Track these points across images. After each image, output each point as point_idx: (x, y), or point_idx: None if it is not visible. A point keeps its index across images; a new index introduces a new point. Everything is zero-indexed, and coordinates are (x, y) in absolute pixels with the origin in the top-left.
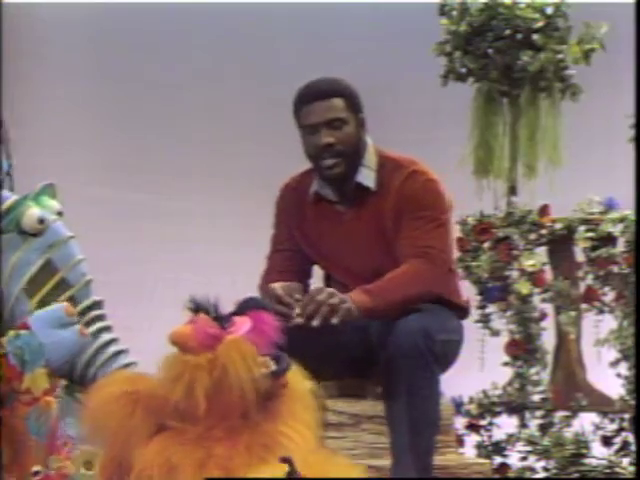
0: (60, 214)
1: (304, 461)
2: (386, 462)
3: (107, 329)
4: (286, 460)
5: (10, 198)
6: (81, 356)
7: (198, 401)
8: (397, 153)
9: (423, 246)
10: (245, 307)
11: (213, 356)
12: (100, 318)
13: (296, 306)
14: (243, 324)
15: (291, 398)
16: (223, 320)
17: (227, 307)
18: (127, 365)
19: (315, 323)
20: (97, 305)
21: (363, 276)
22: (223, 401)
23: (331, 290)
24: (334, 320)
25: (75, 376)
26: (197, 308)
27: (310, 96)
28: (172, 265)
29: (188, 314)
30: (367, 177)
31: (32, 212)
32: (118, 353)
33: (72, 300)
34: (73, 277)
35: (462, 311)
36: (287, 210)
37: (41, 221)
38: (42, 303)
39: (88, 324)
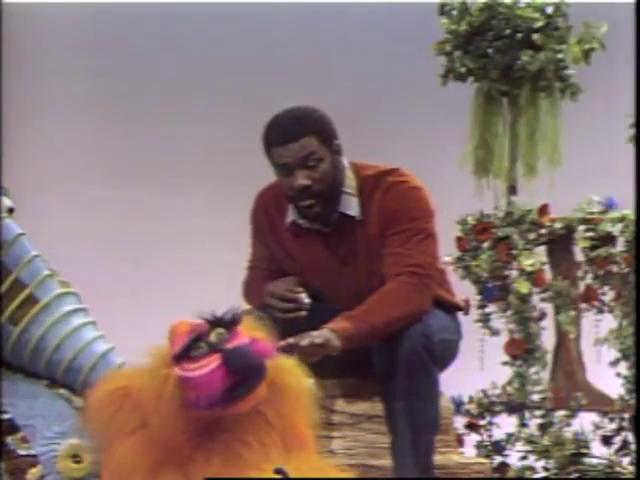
0: (11, 211)
1: (296, 469)
2: (386, 462)
3: (87, 324)
4: (279, 471)
5: None
6: (63, 357)
7: (162, 398)
8: (375, 164)
9: (410, 264)
10: (228, 360)
11: (156, 373)
12: (75, 313)
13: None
14: (206, 366)
15: (283, 399)
16: (189, 350)
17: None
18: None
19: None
20: (67, 299)
21: (353, 294)
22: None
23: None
24: (313, 359)
25: (58, 377)
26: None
27: (280, 138)
28: (171, 265)
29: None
30: (350, 205)
31: None
32: (106, 352)
33: (31, 299)
34: (27, 276)
35: (456, 308)
36: (263, 229)
37: None
38: None
39: (60, 322)
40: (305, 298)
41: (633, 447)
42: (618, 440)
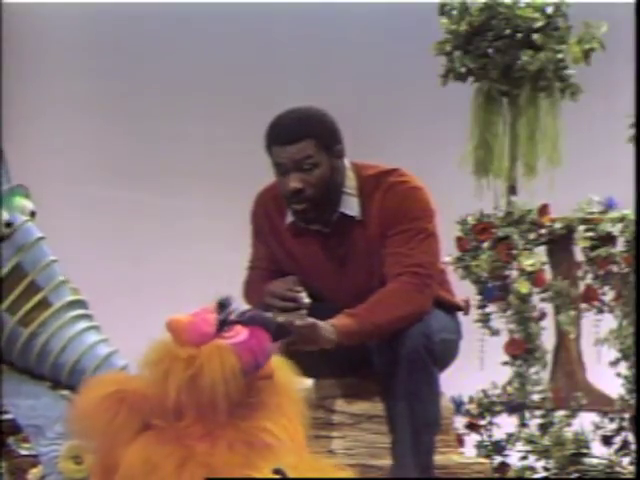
0: (33, 214)
1: (294, 468)
2: (386, 462)
3: (91, 329)
4: (278, 472)
5: None
6: (67, 359)
7: (168, 392)
8: (375, 165)
9: (411, 264)
10: (250, 321)
11: (193, 353)
12: (81, 318)
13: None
14: (240, 334)
15: (277, 392)
16: (225, 323)
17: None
18: (122, 368)
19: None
20: (76, 305)
21: (353, 294)
22: (196, 400)
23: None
24: (304, 347)
25: (62, 379)
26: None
27: (279, 138)
28: (171, 265)
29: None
30: (350, 205)
31: None
32: (109, 355)
33: (44, 303)
34: (43, 279)
35: (456, 308)
36: (263, 229)
37: (8, 225)
38: (12, 307)
39: (65, 326)
40: (305, 298)
41: (633, 447)
42: (618, 440)
